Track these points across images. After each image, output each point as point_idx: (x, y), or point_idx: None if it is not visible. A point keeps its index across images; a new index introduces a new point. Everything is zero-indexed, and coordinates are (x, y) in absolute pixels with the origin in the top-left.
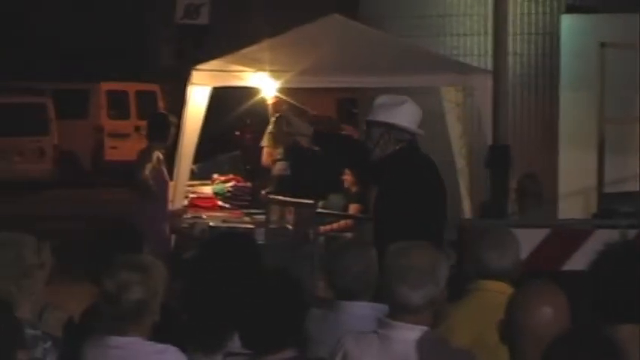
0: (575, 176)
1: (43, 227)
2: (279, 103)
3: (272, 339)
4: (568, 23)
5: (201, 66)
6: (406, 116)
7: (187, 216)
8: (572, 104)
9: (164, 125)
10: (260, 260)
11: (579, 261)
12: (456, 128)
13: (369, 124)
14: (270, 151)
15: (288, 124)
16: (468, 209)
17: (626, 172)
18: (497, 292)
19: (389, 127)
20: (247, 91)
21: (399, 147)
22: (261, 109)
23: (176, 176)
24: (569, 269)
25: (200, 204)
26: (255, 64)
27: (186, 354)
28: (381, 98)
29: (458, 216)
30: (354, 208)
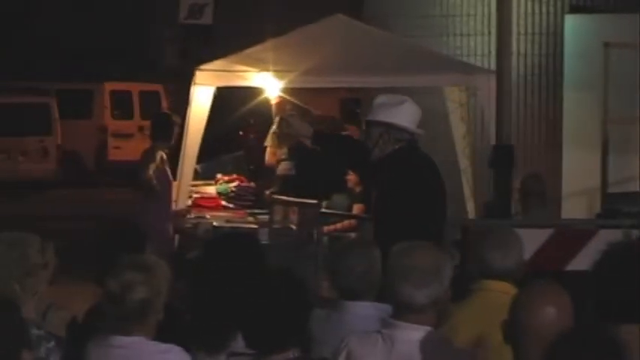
0: (579, 176)
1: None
2: (283, 103)
3: (276, 339)
4: (572, 23)
5: (205, 66)
6: (405, 116)
7: (191, 216)
8: (576, 104)
9: (168, 125)
10: (264, 260)
11: (583, 261)
12: (459, 128)
13: (369, 124)
14: (274, 151)
15: (287, 126)
16: (471, 209)
17: (630, 172)
18: (500, 292)
19: (388, 127)
20: (251, 91)
21: (398, 147)
22: (265, 109)
23: (180, 176)
24: (573, 269)
25: (204, 204)
26: (259, 64)
27: (189, 354)
28: (381, 98)
29: (461, 216)
30: (358, 208)
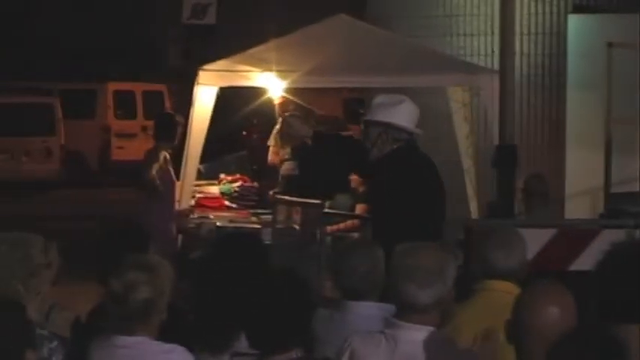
0: (582, 176)
1: (50, 227)
2: (286, 103)
3: (279, 339)
4: (575, 23)
5: (208, 66)
6: (404, 115)
7: (194, 216)
8: (579, 104)
9: (171, 125)
10: (267, 260)
11: (586, 261)
12: (462, 128)
13: (367, 124)
14: (277, 150)
15: (287, 126)
16: (474, 209)
17: (633, 172)
18: (503, 292)
19: (387, 127)
20: (254, 91)
21: (396, 146)
22: (268, 109)
23: (183, 176)
24: (576, 269)
25: (207, 204)
26: (262, 64)
27: (193, 354)
28: (379, 98)
29: (464, 216)
30: (361, 208)
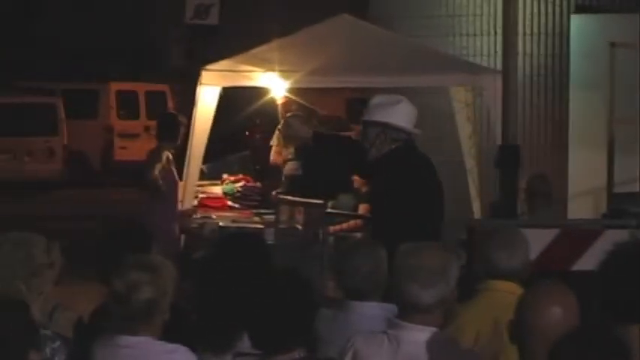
0: (585, 176)
1: (52, 227)
2: (289, 103)
3: (281, 339)
4: (578, 23)
5: (211, 66)
6: (402, 116)
7: (197, 216)
8: (582, 104)
9: (174, 125)
10: (269, 260)
11: (589, 261)
12: (465, 128)
13: (365, 124)
14: (279, 150)
15: (287, 127)
16: (477, 209)
17: (636, 172)
18: (506, 292)
19: (385, 127)
20: (257, 91)
21: (395, 146)
22: (271, 109)
23: (186, 176)
24: (579, 269)
25: (210, 204)
26: (265, 64)
27: (195, 354)
28: (377, 98)
29: (467, 216)
30: (364, 208)
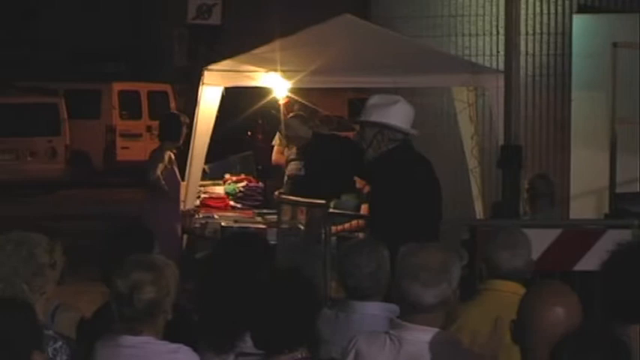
0: (587, 176)
1: (55, 227)
2: (291, 103)
3: (284, 339)
4: (580, 23)
5: (213, 66)
6: (399, 116)
7: (199, 216)
8: (584, 104)
9: (176, 125)
10: (272, 260)
11: (591, 261)
12: (467, 128)
13: (363, 125)
14: (281, 150)
15: (287, 127)
16: (479, 209)
17: (638, 172)
18: (508, 292)
19: (382, 127)
20: (259, 91)
21: (392, 147)
22: (273, 109)
23: (188, 176)
24: (581, 269)
25: (212, 204)
26: (267, 65)
27: (198, 354)
28: (374, 98)
29: (470, 216)
30: (367, 209)
